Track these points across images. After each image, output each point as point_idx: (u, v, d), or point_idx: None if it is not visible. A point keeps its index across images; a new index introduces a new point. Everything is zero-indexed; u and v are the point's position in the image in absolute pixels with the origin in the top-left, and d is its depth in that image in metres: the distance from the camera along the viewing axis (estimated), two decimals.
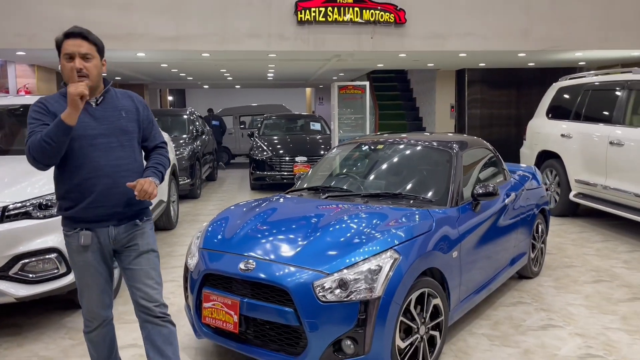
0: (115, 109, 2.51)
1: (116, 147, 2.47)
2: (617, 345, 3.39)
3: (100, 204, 2.44)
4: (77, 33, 2.41)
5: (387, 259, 2.80)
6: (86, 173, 2.42)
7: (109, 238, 2.51)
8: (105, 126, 2.46)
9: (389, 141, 4.29)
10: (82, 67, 2.37)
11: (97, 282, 2.54)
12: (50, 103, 2.45)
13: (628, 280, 4.66)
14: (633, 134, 5.95)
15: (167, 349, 2.55)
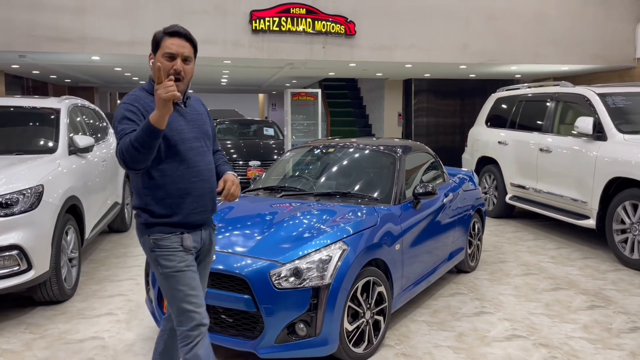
0: (198, 112, 2.44)
1: (207, 151, 2.41)
2: (539, 327, 3.83)
3: (204, 208, 2.37)
4: (182, 33, 2.30)
5: (337, 250, 3.10)
6: (190, 177, 2.31)
7: (200, 241, 2.41)
8: (196, 129, 2.38)
9: (339, 145, 4.61)
10: (182, 69, 2.26)
11: (197, 283, 2.34)
12: (140, 102, 2.28)
13: (553, 273, 5.16)
14: (560, 142, 6.54)
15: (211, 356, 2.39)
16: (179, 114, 2.33)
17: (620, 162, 5.47)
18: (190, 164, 2.32)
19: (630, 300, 4.38)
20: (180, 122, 2.32)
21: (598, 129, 5.86)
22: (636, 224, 5.25)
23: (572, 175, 6.18)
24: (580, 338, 3.65)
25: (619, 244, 5.47)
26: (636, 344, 3.54)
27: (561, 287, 4.75)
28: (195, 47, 2.35)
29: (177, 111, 2.32)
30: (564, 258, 5.69)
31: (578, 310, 4.18)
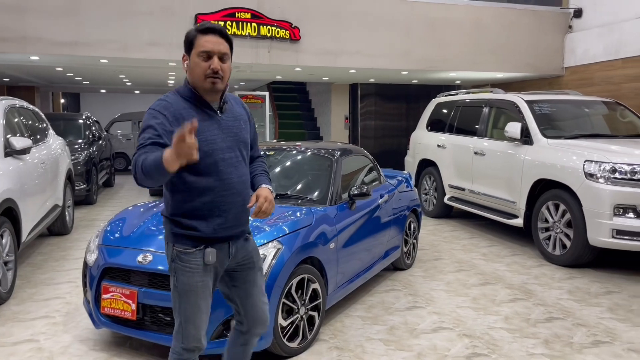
0: (235, 118, 2.25)
1: (240, 162, 2.24)
2: (464, 320, 4.10)
3: (233, 223, 2.24)
4: (217, 29, 2.15)
5: (272, 249, 3.24)
6: (220, 190, 2.17)
7: (229, 256, 2.28)
8: (230, 138, 2.21)
9: (281, 148, 4.75)
10: (219, 68, 2.12)
11: (207, 304, 2.26)
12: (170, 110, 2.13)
13: (483, 269, 5.49)
14: (493, 146, 6.92)
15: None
16: (213, 122, 2.18)
17: (544, 165, 5.86)
18: (221, 176, 2.17)
19: (549, 293, 4.73)
20: (214, 130, 2.17)
21: (525, 133, 6.26)
22: (558, 223, 5.65)
23: (503, 177, 6.56)
24: (501, 328, 3.93)
25: (543, 241, 5.86)
26: (550, 333, 3.85)
27: (489, 282, 5.06)
28: (231, 44, 2.21)
29: (212, 118, 2.18)
30: (494, 255, 6.04)
31: (502, 303, 4.48)
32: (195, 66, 2.14)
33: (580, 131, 6.37)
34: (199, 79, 2.14)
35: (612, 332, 3.88)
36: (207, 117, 2.16)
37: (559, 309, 4.35)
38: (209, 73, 2.12)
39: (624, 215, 5.06)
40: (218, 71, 2.12)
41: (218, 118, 2.20)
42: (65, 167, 6.91)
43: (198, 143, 1.85)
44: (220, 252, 2.25)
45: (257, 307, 2.40)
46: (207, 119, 2.17)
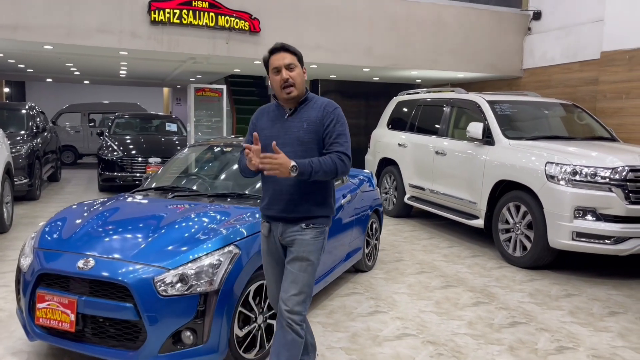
0: (300, 119, 2.65)
1: (290, 156, 2.47)
2: (428, 325, 3.96)
3: (272, 205, 2.68)
4: (279, 47, 2.63)
5: (227, 254, 3.00)
6: (269, 177, 2.63)
7: (278, 234, 2.70)
8: (288, 136, 2.63)
9: (238, 145, 4.49)
10: (288, 77, 2.58)
11: (271, 272, 2.78)
12: (259, 114, 2.78)
13: (444, 271, 5.39)
14: (454, 145, 6.86)
15: (283, 353, 2.59)
16: (279, 122, 2.68)
17: (505, 166, 5.83)
18: None
19: (510, 296, 4.67)
20: (276, 128, 2.67)
21: (487, 134, 6.22)
22: (518, 224, 5.63)
23: (464, 177, 6.51)
24: (465, 334, 3.82)
25: (504, 242, 5.83)
26: (514, 338, 3.76)
27: (451, 284, 4.96)
28: (296, 54, 2.65)
29: (279, 119, 2.68)
30: (455, 256, 5.97)
31: (465, 307, 4.38)
32: (273, 81, 2.64)
33: (540, 132, 6.39)
34: (277, 90, 2.64)
35: (575, 337, 3.83)
36: (275, 119, 2.70)
37: (522, 312, 4.28)
38: (282, 84, 2.60)
39: (583, 217, 5.07)
40: (288, 79, 2.59)
41: (284, 120, 2.68)
42: (3, 160, 6.41)
43: (261, 137, 2.58)
44: (274, 229, 2.72)
45: (284, 291, 2.62)
46: (276, 120, 2.70)
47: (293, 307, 2.57)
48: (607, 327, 4.03)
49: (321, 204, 2.67)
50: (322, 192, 2.67)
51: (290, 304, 2.57)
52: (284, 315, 2.57)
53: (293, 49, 2.64)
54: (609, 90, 7.58)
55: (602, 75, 7.66)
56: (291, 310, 2.56)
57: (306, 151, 2.60)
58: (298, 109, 2.67)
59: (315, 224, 2.65)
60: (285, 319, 2.57)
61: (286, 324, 2.57)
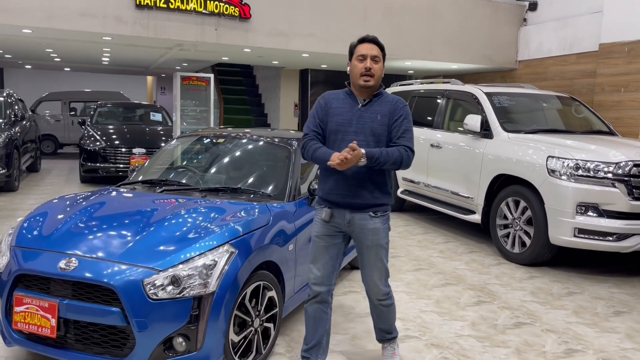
0: (374, 111, 2.78)
1: (362, 146, 2.64)
2: (430, 326, 3.79)
3: (335, 191, 2.79)
4: (370, 39, 2.78)
5: (223, 254, 2.77)
6: (331, 182, 2.80)
7: (344, 221, 2.81)
8: (360, 125, 2.76)
9: (230, 135, 4.25)
10: (371, 67, 2.73)
11: (322, 255, 2.88)
12: (330, 99, 2.87)
13: (442, 268, 5.23)
14: (449, 138, 6.69)
15: (383, 318, 3.02)
16: (352, 110, 2.80)
17: (503, 159, 5.67)
18: (334, 150, 2.72)
19: (512, 295, 4.52)
20: (349, 116, 2.79)
21: (485, 127, 6.05)
22: (517, 220, 5.48)
23: (460, 171, 6.34)
24: (469, 336, 3.65)
25: (502, 238, 5.68)
26: (520, 340, 3.61)
27: (450, 282, 4.80)
28: (383, 51, 2.80)
29: (352, 108, 2.80)
30: (451, 252, 5.81)
31: (466, 306, 4.22)
32: (354, 67, 2.79)
33: (538, 126, 6.24)
34: (356, 77, 2.78)
35: (582, 338, 3.69)
36: (348, 106, 2.82)
37: (525, 312, 4.13)
38: (363, 71, 2.74)
39: (586, 213, 4.93)
40: (370, 69, 2.73)
41: (357, 109, 2.80)
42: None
43: (333, 124, 2.80)
44: (338, 216, 2.82)
45: (367, 277, 2.90)
46: (349, 107, 2.82)
47: (381, 288, 2.90)
48: (613, 328, 3.90)
49: (383, 191, 2.84)
50: (384, 179, 2.83)
51: (377, 289, 2.90)
52: (374, 300, 2.93)
53: (382, 45, 2.80)
54: (607, 83, 7.47)
55: (600, 67, 7.54)
56: (381, 292, 2.91)
57: (378, 142, 2.78)
58: (372, 100, 2.81)
59: (382, 212, 2.84)
60: (377, 303, 2.94)
61: (377, 303, 2.94)
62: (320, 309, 2.88)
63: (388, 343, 3.16)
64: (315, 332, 2.91)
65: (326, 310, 2.90)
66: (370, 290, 2.93)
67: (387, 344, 3.16)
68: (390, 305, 2.99)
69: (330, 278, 2.89)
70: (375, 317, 3.05)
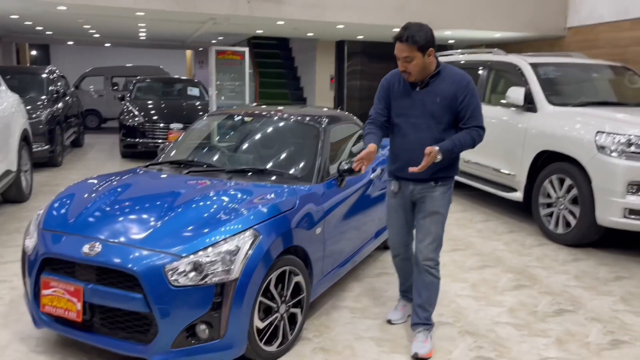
0: (433, 93, 2.83)
1: (423, 128, 2.87)
2: (465, 312, 3.64)
3: (405, 169, 2.93)
4: (397, 37, 2.80)
5: (247, 239, 2.69)
6: (399, 144, 3.01)
7: (409, 192, 3.04)
8: (419, 109, 2.87)
9: (259, 114, 4.14)
10: (404, 68, 2.81)
11: (396, 222, 3.18)
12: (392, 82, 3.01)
13: (480, 249, 5.03)
14: (491, 112, 6.36)
15: (423, 292, 3.05)
16: (408, 95, 2.91)
17: (548, 135, 5.36)
18: (404, 133, 2.96)
19: (554, 279, 4.29)
20: (407, 101, 2.92)
21: (529, 99, 5.72)
22: (562, 198, 5.20)
23: (502, 147, 6.05)
24: (507, 323, 3.48)
25: (545, 217, 5.42)
26: (562, 330, 3.42)
27: (488, 264, 4.61)
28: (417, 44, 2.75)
29: (409, 92, 2.90)
30: (490, 232, 5.59)
31: (504, 291, 4.04)
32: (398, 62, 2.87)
33: (588, 98, 5.84)
34: None
35: (630, 328, 3.46)
36: (406, 91, 2.93)
37: (568, 298, 3.92)
38: (401, 70, 2.87)
39: (637, 193, 4.60)
40: (405, 70, 2.83)
41: (414, 93, 2.90)
42: (20, 127, 6.19)
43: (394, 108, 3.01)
44: (404, 187, 3.07)
45: (418, 241, 3.04)
46: (406, 92, 2.93)
47: (428, 254, 2.98)
48: None
49: (450, 166, 2.98)
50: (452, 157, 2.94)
51: (426, 252, 2.98)
52: (420, 262, 2.99)
53: (411, 40, 2.74)
54: None
55: None
56: (427, 257, 2.98)
57: (439, 124, 2.86)
58: (430, 82, 2.84)
59: (443, 182, 2.98)
60: (422, 265, 2.99)
61: (423, 269, 2.99)
62: (405, 263, 3.28)
63: (423, 328, 3.08)
64: (407, 278, 3.32)
65: (411, 263, 3.21)
66: (420, 253, 3.00)
67: (422, 328, 3.08)
68: (435, 277, 3.04)
69: (405, 239, 3.22)
70: (418, 290, 3.06)
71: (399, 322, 3.40)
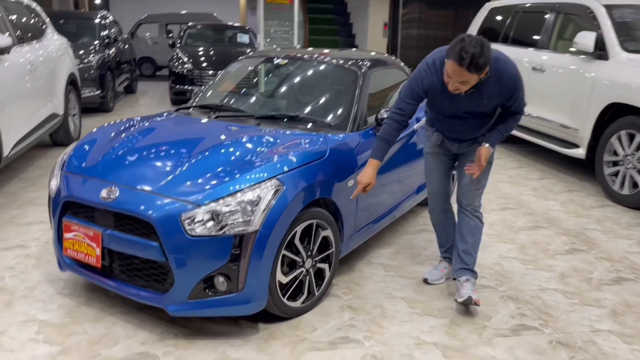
0: (479, 96, 2.65)
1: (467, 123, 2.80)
2: (510, 276, 3.36)
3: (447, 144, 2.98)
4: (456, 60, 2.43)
5: (269, 189, 2.51)
6: (439, 127, 2.95)
7: (454, 147, 2.97)
8: (464, 109, 2.73)
9: (294, 56, 3.87)
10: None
11: (436, 172, 3.06)
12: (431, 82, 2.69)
13: (533, 208, 4.67)
14: (556, 60, 5.82)
15: (468, 237, 2.94)
16: (450, 100, 2.70)
17: (620, 85, 4.81)
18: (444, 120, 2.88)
19: (614, 244, 3.91)
20: (446, 103, 2.74)
21: (600, 46, 5.14)
22: (630, 157, 4.70)
23: (565, 98, 5.54)
24: (555, 290, 3.19)
25: (609, 177, 4.95)
26: (618, 300, 3.09)
27: (540, 225, 4.26)
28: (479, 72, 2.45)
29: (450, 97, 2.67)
30: (546, 190, 5.18)
31: (556, 254, 3.71)
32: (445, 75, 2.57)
33: None
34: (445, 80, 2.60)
35: None
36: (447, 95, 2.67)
37: (628, 266, 3.55)
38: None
39: None
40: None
41: (457, 97, 2.67)
42: (66, 70, 6.20)
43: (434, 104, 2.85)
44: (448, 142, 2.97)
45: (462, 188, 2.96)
46: (447, 96, 2.68)
47: (474, 198, 2.93)
48: None
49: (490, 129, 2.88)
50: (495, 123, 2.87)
51: (471, 196, 2.92)
52: (465, 206, 2.94)
53: (474, 68, 2.41)
54: None
55: None
56: (472, 201, 2.93)
57: (483, 118, 2.79)
58: (477, 87, 2.60)
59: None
60: (467, 209, 2.94)
61: (468, 213, 2.94)
62: (443, 217, 3.14)
63: (470, 276, 2.93)
64: (447, 236, 3.19)
65: (449, 219, 3.14)
66: (464, 198, 2.93)
67: (469, 276, 2.93)
68: (481, 221, 2.97)
69: (446, 190, 3.11)
70: (462, 236, 2.95)
71: (436, 283, 3.19)
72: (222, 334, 2.62)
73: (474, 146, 2.89)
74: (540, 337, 2.69)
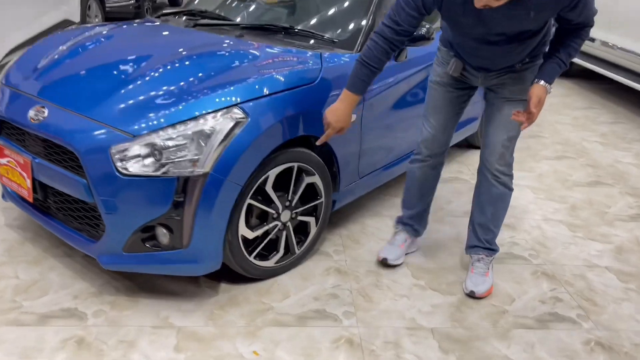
0: (524, 7, 1.81)
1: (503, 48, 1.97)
2: (550, 245, 2.69)
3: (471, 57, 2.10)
4: None
5: (226, 120, 1.92)
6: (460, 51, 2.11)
7: (477, 79, 2.17)
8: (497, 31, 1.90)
9: None
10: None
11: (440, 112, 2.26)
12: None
13: (596, 158, 3.85)
14: None
15: (488, 209, 2.25)
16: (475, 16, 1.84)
17: None
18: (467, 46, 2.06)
19: None
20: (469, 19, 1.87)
21: None
22: None
23: None
24: (607, 269, 2.52)
25: None
26: None
27: (602, 181, 3.49)
28: None
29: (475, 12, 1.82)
30: (617, 138, 4.30)
31: (616, 220, 2.98)
32: None
33: None
34: None
35: None
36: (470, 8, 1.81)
37: None
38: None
39: None
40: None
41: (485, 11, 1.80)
42: None
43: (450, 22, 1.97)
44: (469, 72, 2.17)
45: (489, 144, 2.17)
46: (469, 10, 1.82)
47: (504, 157, 2.15)
48: None
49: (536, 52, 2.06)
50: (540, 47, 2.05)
51: (500, 153, 2.14)
52: (490, 168, 2.18)
53: None
54: None
55: None
56: (501, 161, 2.16)
57: (526, 40, 1.96)
58: None
59: (531, 60, 2.07)
60: (492, 170, 2.17)
61: (492, 176, 2.18)
62: (429, 173, 2.36)
63: (484, 254, 2.31)
64: (421, 198, 2.42)
65: (436, 176, 2.40)
66: (490, 155, 2.16)
67: (482, 254, 2.31)
68: (509, 188, 2.22)
69: (447, 139, 2.31)
70: (480, 206, 2.26)
71: (396, 263, 2.41)
72: (172, 293, 2.16)
73: (508, 76, 2.09)
74: (575, 335, 2.07)
